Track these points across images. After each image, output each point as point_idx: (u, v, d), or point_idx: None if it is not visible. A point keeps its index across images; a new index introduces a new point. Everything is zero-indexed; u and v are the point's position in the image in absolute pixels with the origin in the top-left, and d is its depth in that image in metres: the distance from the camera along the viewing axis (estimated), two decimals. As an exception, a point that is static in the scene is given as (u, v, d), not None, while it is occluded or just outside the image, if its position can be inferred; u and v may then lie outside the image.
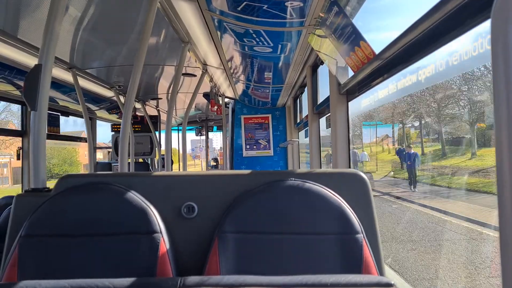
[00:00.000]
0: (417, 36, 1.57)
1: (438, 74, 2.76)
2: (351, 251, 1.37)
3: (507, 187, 0.76)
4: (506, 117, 0.75)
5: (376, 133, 16.74)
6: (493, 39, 0.77)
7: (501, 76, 0.76)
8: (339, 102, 2.99)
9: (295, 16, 2.62)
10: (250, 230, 1.42)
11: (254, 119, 7.23)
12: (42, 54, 1.78)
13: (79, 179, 1.58)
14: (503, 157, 0.76)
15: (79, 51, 3.62)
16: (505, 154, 0.76)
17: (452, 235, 7.62)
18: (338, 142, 3.00)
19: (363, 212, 1.48)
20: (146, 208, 1.47)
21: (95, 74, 4.60)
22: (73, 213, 1.45)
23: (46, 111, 1.79)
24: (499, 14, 0.76)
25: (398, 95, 6.76)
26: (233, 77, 5.13)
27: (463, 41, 1.53)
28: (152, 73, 4.84)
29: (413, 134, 14.24)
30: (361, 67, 2.23)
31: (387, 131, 16.41)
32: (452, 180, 10.65)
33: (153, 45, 3.56)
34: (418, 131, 13.99)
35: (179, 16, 2.86)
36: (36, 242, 1.40)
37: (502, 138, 0.76)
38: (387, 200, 11.66)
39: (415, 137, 14.01)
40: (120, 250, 1.41)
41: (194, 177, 1.63)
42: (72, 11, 2.64)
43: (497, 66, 0.77)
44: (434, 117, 12.91)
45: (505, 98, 0.75)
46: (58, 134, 5.83)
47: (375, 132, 16.72)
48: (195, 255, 1.51)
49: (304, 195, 1.45)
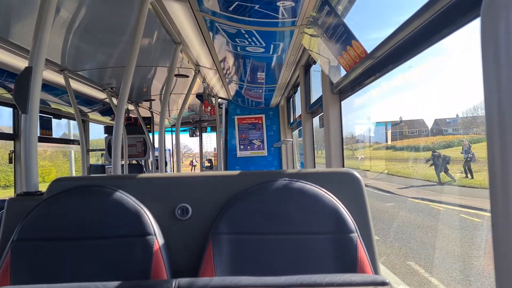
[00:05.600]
0: (408, 34, 1.58)
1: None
2: (345, 250, 1.38)
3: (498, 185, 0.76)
4: (497, 114, 0.75)
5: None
6: (483, 37, 0.77)
7: (491, 74, 0.76)
8: (332, 102, 3.00)
9: (287, 16, 2.62)
10: (244, 231, 1.42)
11: (247, 120, 7.23)
12: (33, 57, 1.76)
13: (71, 182, 1.57)
14: (494, 157, 0.77)
15: (70, 53, 3.60)
16: (496, 154, 0.76)
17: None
18: (332, 141, 3.01)
19: (357, 211, 1.48)
20: (139, 210, 1.46)
21: (87, 76, 4.57)
22: (66, 216, 1.44)
23: (37, 114, 1.77)
24: (488, 12, 0.76)
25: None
26: (226, 77, 5.13)
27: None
28: (145, 75, 4.83)
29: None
30: (353, 66, 2.24)
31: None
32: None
33: (145, 47, 3.54)
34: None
35: (170, 17, 2.85)
36: (28, 246, 1.39)
37: (493, 138, 0.77)
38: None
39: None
40: (114, 253, 1.40)
41: (187, 179, 1.63)
42: (63, 12, 2.63)
43: (487, 64, 0.77)
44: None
45: (496, 95, 0.76)
46: (51, 137, 5.79)
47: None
48: (190, 257, 1.50)
49: (298, 195, 1.45)
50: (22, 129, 1.76)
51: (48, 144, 6.04)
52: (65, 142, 6.98)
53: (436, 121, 12.30)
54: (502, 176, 0.75)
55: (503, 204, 0.76)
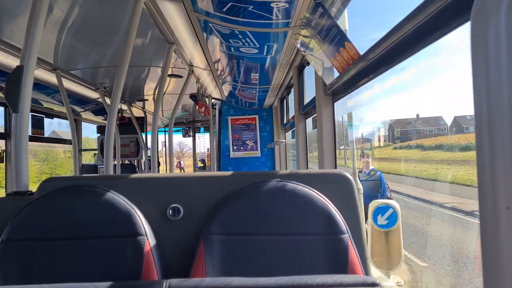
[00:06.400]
0: (400, 37, 1.59)
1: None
2: (336, 251, 1.38)
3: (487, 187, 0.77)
4: (487, 116, 0.76)
5: None
6: (473, 40, 0.78)
7: (481, 76, 0.77)
8: (325, 103, 3.01)
9: (280, 17, 2.63)
10: (236, 232, 1.42)
11: (241, 120, 7.23)
12: (24, 55, 1.75)
13: (62, 182, 1.56)
14: (484, 159, 0.78)
15: (63, 52, 3.57)
16: (486, 157, 0.77)
17: None
18: (324, 143, 3.02)
19: (349, 212, 1.49)
20: (131, 210, 1.46)
21: (80, 76, 4.55)
22: (56, 216, 1.43)
23: (28, 113, 1.76)
24: (478, 16, 0.77)
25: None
26: (220, 78, 5.13)
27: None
28: (138, 75, 4.81)
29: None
30: (346, 68, 2.25)
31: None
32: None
33: (139, 46, 3.53)
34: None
35: (164, 17, 2.85)
36: (18, 246, 1.38)
37: (482, 139, 0.77)
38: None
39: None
40: (104, 254, 1.39)
41: (179, 179, 1.62)
42: (56, 11, 2.61)
43: (477, 67, 0.78)
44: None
45: (485, 98, 0.76)
46: (43, 136, 5.75)
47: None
48: (181, 258, 1.50)
49: (289, 196, 1.45)
50: (12, 128, 1.74)
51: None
52: (57, 141, 6.93)
53: (456, 119, 11.92)
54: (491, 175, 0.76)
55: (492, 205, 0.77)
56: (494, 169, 0.76)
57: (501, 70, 0.74)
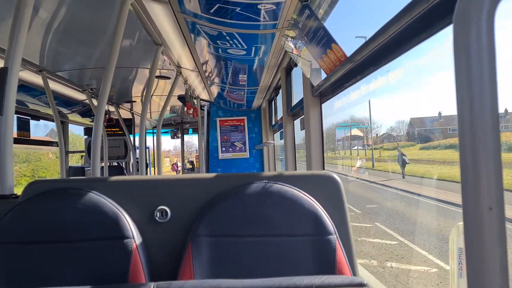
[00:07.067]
0: (385, 39, 1.60)
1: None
2: (324, 252, 1.39)
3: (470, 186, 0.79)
4: (469, 117, 0.78)
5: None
6: (455, 43, 0.80)
7: (463, 78, 0.79)
8: (312, 104, 3.02)
9: (268, 19, 2.63)
10: (224, 233, 1.42)
11: (229, 122, 7.23)
12: (8, 57, 1.73)
13: (48, 185, 1.54)
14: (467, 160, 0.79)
15: (49, 53, 3.54)
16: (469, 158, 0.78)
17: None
18: (312, 144, 3.03)
19: (336, 213, 1.49)
20: (117, 213, 1.45)
21: (67, 77, 4.50)
22: (42, 219, 1.41)
23: (13, 115, 1.74)
24: (460, 19, 0.79)
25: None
26: (208, 79, 5.12)
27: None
28: (126, 76, 4.78)
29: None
30: (334, 69, 2.26)
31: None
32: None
33: (126, 48, 3.51)
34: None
35: (151, 18, 2.84)
36: (3, 249, 1.36)
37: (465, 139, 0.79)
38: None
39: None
40: (91, 257, 1.38)
41: (166, 181, 1.61)
42: (41, 12, 2.58)
43: (459, 69, 0.79)
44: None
45: (468, 99, 0.78)
46: (28, 139, 5.68)
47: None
48: (169, 260, 1.49)
49: (277, 197, 1.45)
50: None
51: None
52: (43, 144, 6.85)
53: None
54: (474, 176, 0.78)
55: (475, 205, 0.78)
56: (477, 170, 0.77)
57: (483, 72, 0.76)
